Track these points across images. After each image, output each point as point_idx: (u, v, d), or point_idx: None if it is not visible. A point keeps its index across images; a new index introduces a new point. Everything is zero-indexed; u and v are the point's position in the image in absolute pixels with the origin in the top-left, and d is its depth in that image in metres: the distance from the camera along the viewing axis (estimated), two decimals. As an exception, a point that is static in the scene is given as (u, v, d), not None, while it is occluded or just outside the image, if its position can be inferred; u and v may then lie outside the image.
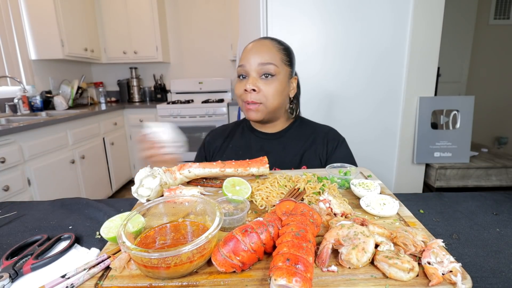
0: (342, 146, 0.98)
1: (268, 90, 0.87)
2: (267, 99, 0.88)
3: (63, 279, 0.43)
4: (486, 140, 3.46)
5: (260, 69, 0.87)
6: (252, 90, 0.87)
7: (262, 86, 0.87)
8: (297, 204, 0.50)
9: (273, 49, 0.89)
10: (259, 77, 0.87)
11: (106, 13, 3.37)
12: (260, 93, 0.87)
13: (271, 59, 0.87)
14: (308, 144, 0.97)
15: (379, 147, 1.58)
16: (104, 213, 0.69)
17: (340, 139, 1.00)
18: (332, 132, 1.01)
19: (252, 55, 0.87)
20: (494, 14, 3.14)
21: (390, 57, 1.47)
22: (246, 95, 0.88)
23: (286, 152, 0.96)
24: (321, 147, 0.97)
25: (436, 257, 0.41)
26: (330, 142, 0.98)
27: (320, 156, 0.96)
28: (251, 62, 0.87)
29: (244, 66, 0.88)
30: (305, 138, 0.98)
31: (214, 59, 3.80)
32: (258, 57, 0.87)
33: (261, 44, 0.89)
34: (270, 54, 0.87)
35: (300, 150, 0.96)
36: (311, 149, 0.96)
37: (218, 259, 0.42)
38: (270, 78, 0.87)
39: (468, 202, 0.72)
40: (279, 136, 0.99)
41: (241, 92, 0.90)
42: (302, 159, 0.95)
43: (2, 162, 1.71)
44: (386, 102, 1.53)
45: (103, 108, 3.09)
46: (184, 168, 0.71)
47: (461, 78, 3.28)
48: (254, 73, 0.87)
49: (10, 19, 2.54)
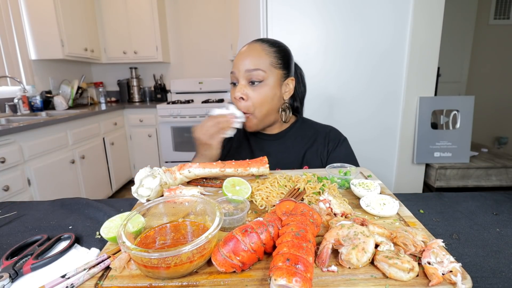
0: (343, 146, 0.98)
1: (256, 98, 0.85)
2: (255, 107, 0.86)
3: (63, 279, 0.43)
4: (486, 140, 3.46)
5: (248, 75, 0.84)
6: (241, 98, 0.85)
7: (250, 93, 0.85)
8: (297, 204, 0.50)
9: (262, 53, 0.85)
10: (248, 83, 0.85)
11: (106, 13, 3.37)
12: (248, 101, 0.85)
13: (258, 65, 0.84)
14: (309, 144, 0.96)
15: (379, 147, 1.58)
16: (104, 213, 0.69)
17: (341, 139, 0.99)
18: (333, 131, 1.00)
19: (240, 61, 0.85)
20: (494, 14, 3.14)
21: (390, 57, 1.47)
22: (237, 103, 0.87)
23: (287, 153, 0.95)
24: (322, 147, 0.96)
25: (436, 257, 0.41)
26: (331, 142, 0.97)
27: (321, 156, 0.96)
28: (239, 69, 0.85)
29: (234, 73, 0.86)
30: (306, 138, 0.98)
31: (214, 59, 3.79)
32: (245, 63, 0.84)
33: (250, 49, 0.87)
34: (258, 59, 0.84)
35: (301, 150, 0.96)
36: (312, 149, 0.96)
37: (218, 259, 0.42)
38: (258, 85, 0.85)
39: (468, 202, 0.72)
40: (279, 137, 0.98)
41: (233, 100, 0.88)
42: (303, 159, 0.95)
43: (2, 162, 1.71)
44: (386, 102, 1.53)
45: (103, 108, 3.09)
46: (184, 168, 0.71)
47: (461, 78, 3.28)
48: (242, 80, 0.85)
49: (10, 19, 2.54)
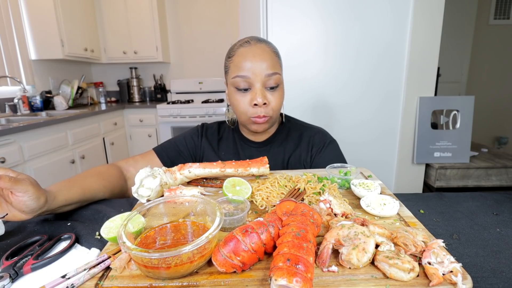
0: (328, 149, 0.93)
1: (275, 102, 0.82)
2: (274, 111, 0.83)
3: (63, 279, 0.43)
4: (486, 140, 3.46)
5: (266, 80, 0.80)
6: (263, 104, 0.80)
7: (270, 98, 0.81)
8: (297, 204, 0.50)
9: (273, 55, 0.82)
10: (264, 88, 0.81)
11: (106, 13, 3.37)
12: (268, 106, 0.81)
13: (275, 68, 0.81)
14: (292, 149, 0.94)
15: (379, 147, 1.58)
16: (104, 213, 0.69)
17: (326, 142, 0.94)
18: (318, 134, 0.96)
19: (256, 65, 0.79)
20: (494, 14, 3.14)
21: (390, 57, 1.47)
22: (255, 110, 0.81)
23: (273, 160, 0.92)
24: (305, 153, 0.93)
25: (436, 257, 0.41)
26: (315, 146, 0.93)
27: (304, 162, 0.92)
28: (256, 73, 0.79)
29: (248, 78, 0.80)
30: (290, 142, 0.95)
31: (214, 59, 3.80)
32: (263, 67, 0.79)
33: (262, 52, 0.81)
34: (273, 62, 0.81)
35: (286, 156, 0.93)
36: (295, 154, 0.93)
37: (218, 259, 0.42)
38: (276, 89, 0.82)
39: (468, 202, 0.72)
40: (267, 144, 0.94)
41: (246, 109, 0.82)
42: (288, 165, 0.92)
43: (2, 162, 1.71)
44: (386, 102, 1.53)
45: (103, 108, 3.09)
46: (184, 168, 0.71)
47: (461, 78, 3.28)
48: (260, 85, 0.80)
49: (10, 19, 2.54)
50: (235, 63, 0.82)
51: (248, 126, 0.88)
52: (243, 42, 0.84)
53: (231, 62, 0.84)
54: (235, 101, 0.84)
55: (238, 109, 0.84)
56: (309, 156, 0.93)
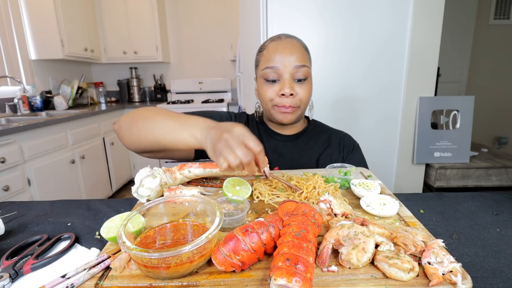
0: (357, 152, 0.98)
1: (303, 94, 0.83)
2: (302, 102, 0.85)
3: (63, 279, 0.43)
4: (486, 140, 3.46)
5: (295, 72, 0.82)
6: (290, 95, 0.82)
7: (298, 90, 0.83)
8: (298, 205, 0.50)
9: (302, 49, 0.84)
10: (292, 80, 0.83)
11: (106, 13, 3.37)
12: (296, 97, 0.83)
13: (304, 61, 0.83)
14: (323, 148, 0.96)
15: (379, 147, 1.58)
16: (104, 213, 0.69)
17: (355, 145, 0.99)
18: (347, 137, 1.01)
19: (286, 57, 0.81)
20: (494, 14, 3.14)
21: (390, 57, 1.47)
22: (281, 100, 0.83)
23: (301, 155, 0.94)
24: (337, 153, 0.96)
25: (436, 257, 0.41)
26: (346, 148, 0.97)
27: (336, 161, 0.95)
28: (285, 64, 0.81)
29: (277, 69, 0.82)
30: (320, 142, 0.97)
31: (214, 59, 3.80)
32: (292, 60, 0.81)
33: (292, 45, 0.83)
34: (302, 56, 0.83)
35: (315, 153, 0.95)
36: (326, 153, 0.95)
37: (218, 258, 0.42)
38: (304, 81, 0.84)
39: (468, 202, 0.72)
40: (294, 139, 0.96)
41: (273, 96, 0.84)
42: (318, 162, 0.94)
43: (2, 162, 1.71)
44: (386, 102, 1.53)
45: (103, 108, 3.09)
46: (184, 168, 0.71)
47: (461, 78, 3.28)
48: (288, 76, 0.82)
49: (10, 19, 2.54)
50: (266, 56, 0.85)
51: (274, 116, 0.88)
52: (274, 38, 0.87)
53: (262, 56, 0.87)
54: (262, 91, 0.86)
55: (264, 98, 0.86)
56: (341, 156, 0.96)
